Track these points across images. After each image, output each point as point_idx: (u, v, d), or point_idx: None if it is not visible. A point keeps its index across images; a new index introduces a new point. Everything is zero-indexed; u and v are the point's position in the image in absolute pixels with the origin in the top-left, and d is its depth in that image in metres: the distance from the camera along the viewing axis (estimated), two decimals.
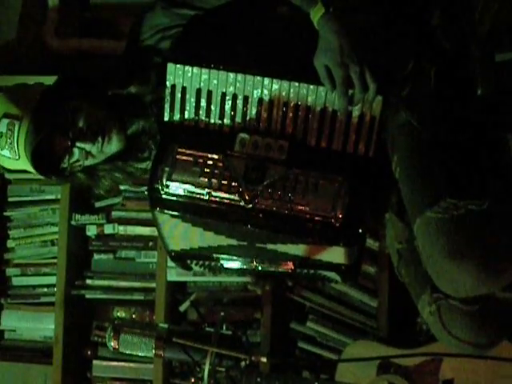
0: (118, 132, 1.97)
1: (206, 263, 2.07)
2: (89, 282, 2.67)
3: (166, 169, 1.82)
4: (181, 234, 1.93)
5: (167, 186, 1.83)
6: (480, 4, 1.99)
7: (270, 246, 1.88)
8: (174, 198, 1.84)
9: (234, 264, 2.00)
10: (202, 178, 1.81)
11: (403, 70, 1.86)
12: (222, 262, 2.01)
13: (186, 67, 1.87)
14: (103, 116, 1.96)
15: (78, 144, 1.93)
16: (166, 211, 1.86)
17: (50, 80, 2.07)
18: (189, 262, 2.08)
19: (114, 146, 1.98)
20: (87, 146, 1.94)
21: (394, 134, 1.88)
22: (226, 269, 2.06)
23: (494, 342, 1.81)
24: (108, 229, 2.66)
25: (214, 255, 1.98)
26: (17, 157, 1.91)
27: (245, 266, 2.00)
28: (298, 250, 1.85)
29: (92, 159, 1.98)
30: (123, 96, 2.01)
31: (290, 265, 1.92)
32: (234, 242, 1.90)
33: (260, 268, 1.98)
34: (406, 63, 1.86)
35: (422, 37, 1.90)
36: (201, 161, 1.82)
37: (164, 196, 1.84)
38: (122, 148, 2.01)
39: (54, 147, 1.94)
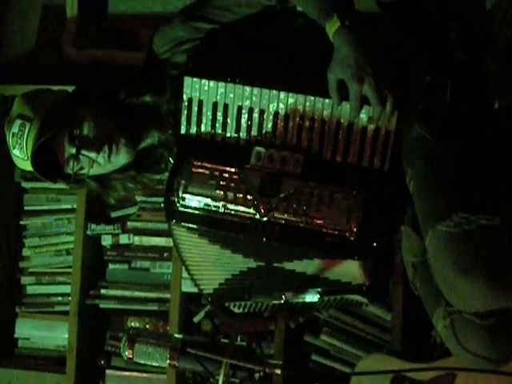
0: (126, 144, 1.97)
1: (243, 303, 2.03)
2: (103, 291, 2.67)
3: (182, 181, 1.85)
4: (199, 255, 1.94)
5: (183, 199, 1.85)
6: (498, 17, 1.99)
7: (288, 266, 1.89)
8: (190, 211, 1.85)
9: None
10: (217, 191, 1.82)
11: (419, 83, 1.86)
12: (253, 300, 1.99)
13: (203, 81, 1.87)
14: (112, 126, 1.97)
15: (83, 151, 1.94)
16: (182, 223, 1.88)
17: (68, 90, 2.10)
18: (226, 304, 2.06)
19: (121, 157, 1.98)
20: (92, 155, 1.95)
21: (408, 148, 1.87)
22: (265, 309, 2.05)
23: (509, 357, 1.80)
24: (123, 239, 2.66)
25: (246, 295, 1.97)
26: (25, 157, 1.93)
27: (276, 302, 1.98)
28: (314, 267, 1.86)
29: (98, 168, 1.98)
30: (138, 105, 2.02)
31: (316, 293, 1.90)
32: (251, 262, 1.91)
33: (288, 300, 1.95)
34: (422, 77, 1.86)
35: (438, 50, 1.90)
36: (217, 174, 1.83)
37: (180, 208, 1.86)
38: (130, 160, 2.01)
39: (59, 152, 1.95)
